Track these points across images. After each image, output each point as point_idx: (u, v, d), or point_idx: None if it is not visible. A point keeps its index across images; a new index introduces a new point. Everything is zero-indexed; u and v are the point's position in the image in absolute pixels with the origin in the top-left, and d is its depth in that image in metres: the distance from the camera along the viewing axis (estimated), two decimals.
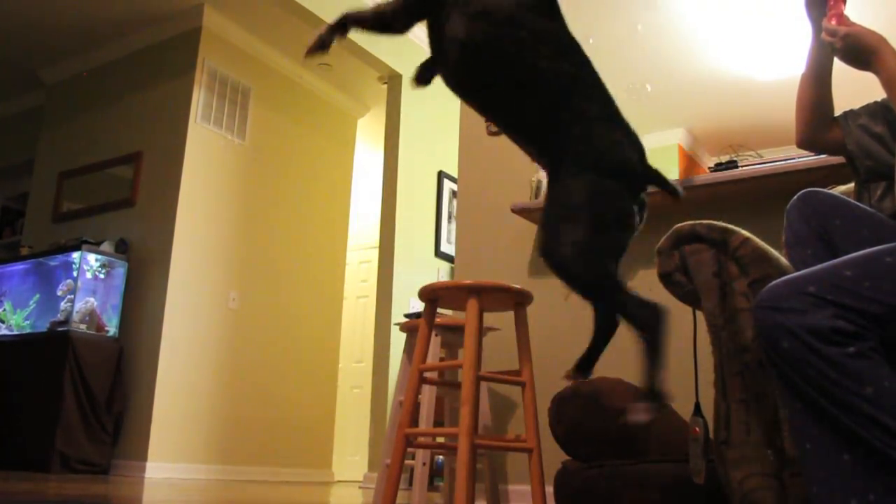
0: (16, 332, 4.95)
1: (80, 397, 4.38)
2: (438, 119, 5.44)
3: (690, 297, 1.56)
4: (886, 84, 1.45)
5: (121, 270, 4.87)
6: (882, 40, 1.47)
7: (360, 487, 4.82)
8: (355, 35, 5.40)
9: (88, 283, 4.69)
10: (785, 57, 5.41)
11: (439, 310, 2.44)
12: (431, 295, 2.32)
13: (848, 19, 1.52)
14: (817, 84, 1.72)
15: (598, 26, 5.29)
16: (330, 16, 5.63)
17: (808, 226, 1.48)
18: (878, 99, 1.68)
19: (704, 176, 2.68)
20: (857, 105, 1.75)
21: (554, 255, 1.44)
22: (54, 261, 4.91)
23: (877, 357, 1.11)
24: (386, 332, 4.82)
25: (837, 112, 1.75)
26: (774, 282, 1.23)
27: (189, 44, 5.20)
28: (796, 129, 1.78)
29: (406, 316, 3.77)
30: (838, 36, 1.49)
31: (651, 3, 5.00)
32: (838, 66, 1.56)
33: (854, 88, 1.93)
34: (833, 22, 1.51)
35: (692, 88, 6.05)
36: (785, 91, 1.82)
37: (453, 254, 4.67)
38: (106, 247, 4.89)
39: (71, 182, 5.59)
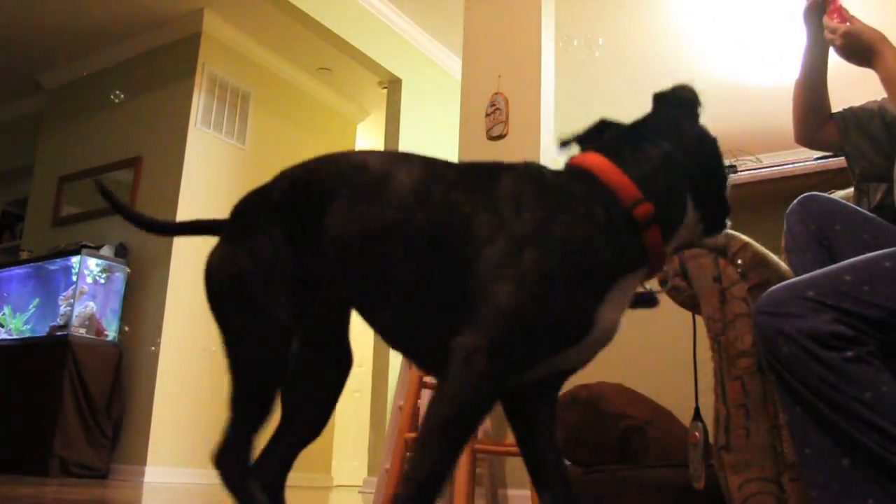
0: (15, 337, 4.94)
1: (79, 401, 4.37)
2: (438, 124, 5.45)
3: (690, 302, 1.56)
4: (885, 81, 1.45)
5: (120, 275, 4.87)
6: (882, 38, 1.48)
7: (359, 492, 4.81)
8: (355, 39, 5.34)
9: (88, 288, 4.68)
10: (784, 61, 5.41)
11: None
12: None
13: (847, 12, 1.52)
14: (812, 89, 1.72)
15: (599, 29, 5.30)
16: (329, 21, 5.58)
17: (807, 230, 1.49)
18: (878, 98, 1.68)
19: None
20: (856, 102, 1.75)
21: None
22: (54, 265, 4.90)
23: (876, 362, 1.11)
24: None
25: (835, 108, 1.75)
26: (774, 287, 1.23)
27: (189, 48, 5.20)
28: (793, 128, 1.78)
29: None
30: (838, 34, 1.50)
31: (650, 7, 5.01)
32: (841, 63, 1.56)
33: (856, 87, 1.93)
34: (834, 18, 1.52)
35: None
36: (784, 95, 1.82)
37: None
38: (106, 251, 4.89)
39: (71, 186, 5.59)
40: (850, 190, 1.73)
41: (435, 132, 5.47)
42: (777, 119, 5.95)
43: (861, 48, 1.48)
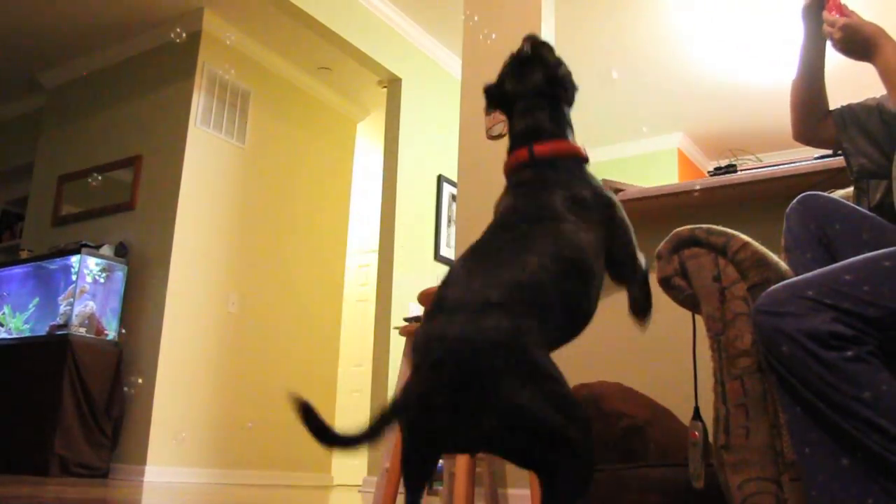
0: (15, 336, 4.94)
1: (79, 401, 4.37)
2: (438, 123, 5.45)
3: (690, 302, 1.55)
4: (883, 75, 1.45)
5: (120, 274, 4.87)
6: (881, 32, 1.47)
7: (359, 491, 4.81)
8: (355, 38, 5.35)
9: (88, 287, 4.68)
10: (784, 61, 5.41)
11: None
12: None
13: (846, 8, 1.52)
14: (809, 87, 1.72)
15: (600, 30, 5.30)
16: (329, 20, 5.59)
17: (807, 230, 1.49)
18: (877, 95, 1.68)
19: (703, 180, 2.68)
20: (855, 100, 1.75)
21: None
22: (54, 264, 4.90)
23: (875, 361, 1.11)
24: (385, 336, 4.82)
25: (833, 105, 1.75)
26: (774, 286, 1.23)
27: (189, 48, 5.20)
28: (791, 125, 1.78)
29: (406, 320, 3.75)
30: (837, 27, 1.50)
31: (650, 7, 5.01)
32: (840, 62, 1.56)
33: (854, 85, 1.93)
34: (833, 13, 1.52)
35: (691, 93, 6.05)
36: (784, 95, 1.82)
37: (453, 258, 4.67)
38: (105, 250, 4.89)
39: (70, 185, 5.59)
40: (850, 189, 1.73)
41: (435, 131, 5.47)
42: (776, 118, 5.94)
43: (860, 41, 1.48)
